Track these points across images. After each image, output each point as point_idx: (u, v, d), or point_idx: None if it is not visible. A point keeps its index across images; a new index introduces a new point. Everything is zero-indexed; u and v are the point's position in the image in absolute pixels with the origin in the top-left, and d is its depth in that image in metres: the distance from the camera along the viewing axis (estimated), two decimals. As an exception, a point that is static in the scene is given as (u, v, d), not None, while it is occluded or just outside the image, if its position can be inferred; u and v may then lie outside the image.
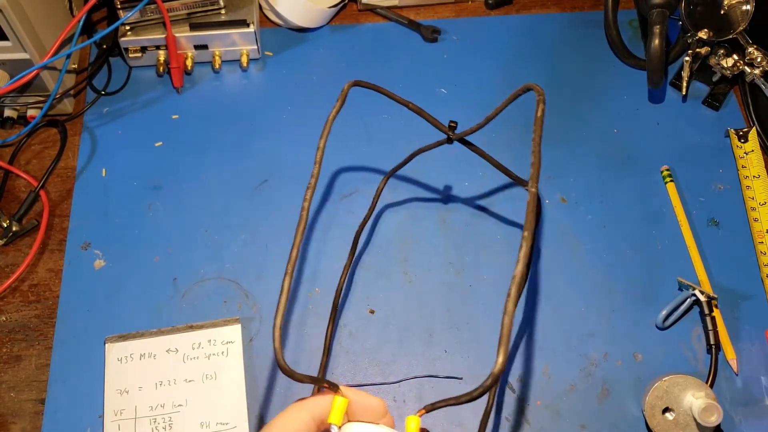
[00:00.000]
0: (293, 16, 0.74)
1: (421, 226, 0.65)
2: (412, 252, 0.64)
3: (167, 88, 0.72)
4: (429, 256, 0.64)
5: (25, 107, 0.68)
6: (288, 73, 0.74)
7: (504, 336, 0.30)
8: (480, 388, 0.31)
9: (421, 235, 0.65)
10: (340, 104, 0.45)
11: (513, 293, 0.30)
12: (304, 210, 0.38)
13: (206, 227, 0.65)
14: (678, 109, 0.72)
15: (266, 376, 0.58)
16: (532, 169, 0.34)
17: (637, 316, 0.61)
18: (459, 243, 0.64)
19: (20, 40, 0.61)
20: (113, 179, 0.67)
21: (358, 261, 0.63)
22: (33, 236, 0.63)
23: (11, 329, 0.60)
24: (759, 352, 0.60)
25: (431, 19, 0.78)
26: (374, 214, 0.65)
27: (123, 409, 0.56)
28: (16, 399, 0.57)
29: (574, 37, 0.77)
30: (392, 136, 0.70)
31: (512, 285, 0.31)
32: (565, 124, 0.71)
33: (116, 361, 0.57)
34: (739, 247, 0.65)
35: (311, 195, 0.38)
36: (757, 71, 0.68)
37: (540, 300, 0.62)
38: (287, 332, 0.60)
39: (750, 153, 0.68)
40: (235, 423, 0.55)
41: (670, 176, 0.68)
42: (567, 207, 0.66)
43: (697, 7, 0.68)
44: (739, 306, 0.62)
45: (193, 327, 0.59)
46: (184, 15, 0.70)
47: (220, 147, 0.69)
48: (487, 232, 0.65)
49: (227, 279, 0.62)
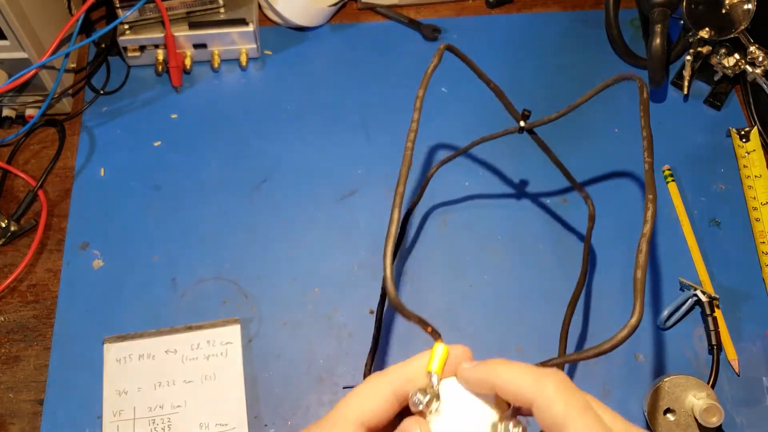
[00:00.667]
0: (293, 15, 0.74)
1: (421, 226, 0.65)
2: (412, 252, 0.64)
3: (166, 88, 0.72)
4: (429, 257, 0.63)
5: (23, 106, 0.67)
6: (287, 73, 0.73)
7: (638, 290, 0.32)
8: (614, 340, 0.31)
9: (422, 236, 0.64)
10: (437, 61, 0.47)
11: (644, 248, 0.34)
12: (408, 150, 0.39)
13: (205, 227, 0.64)
14: (679, 109, 0.72)
15: (266, 377, 0.58)
16: (645, 143, 0.41)
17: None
18: (459, 243, 0.64)
19: (18, 39, 0.60)
20: (112, 179, 0.67)
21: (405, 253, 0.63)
22: (31, 236, 0.63)
23: (9, 329, 0.60)
24: (760, 353, 0.60)
25: (432, 17, 0.77)
26: (374, 214, 0.65)
27: (122, 410, 0.55)
28: (15, 400, 0.57)
29: (575, 36, 0.76)
30: (392, 136, 0.69)
31: (642, 241, 0.35)
32: (565, 123, 0.71)
33: (115, 362, 0.57)
34: (740, 247, 0.64)
35: (414, 137, 0.41)
36: (758, 70, 0.68)
37: (540, 300, 0.62)
38: (287, 332, 0.60)
39: (751, 152, 0.67)
40: (235, 424, 0.55)
41: (671, 176, 0.67)
42: (567, 207, 0.66)
43: (699, 6, 0.68)
44: (741, 306, 0.61)
45: (192, 327, 0.59)
46: (183, 14, 0.70)
47: (219, 146, 0.69)
48: (487, 232, 0.65)
49: (226, 279, 0.62)
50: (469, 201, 0.66)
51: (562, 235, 0.65)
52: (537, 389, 0.30)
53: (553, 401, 0.30)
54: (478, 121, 0.70)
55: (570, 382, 0.31)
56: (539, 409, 0.30)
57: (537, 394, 0.30)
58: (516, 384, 0.31)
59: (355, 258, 0.63)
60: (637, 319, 0.31)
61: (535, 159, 0.68)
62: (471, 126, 0.69)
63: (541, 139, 0.60)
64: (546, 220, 0.65)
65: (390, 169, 0.67)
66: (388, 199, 0.66)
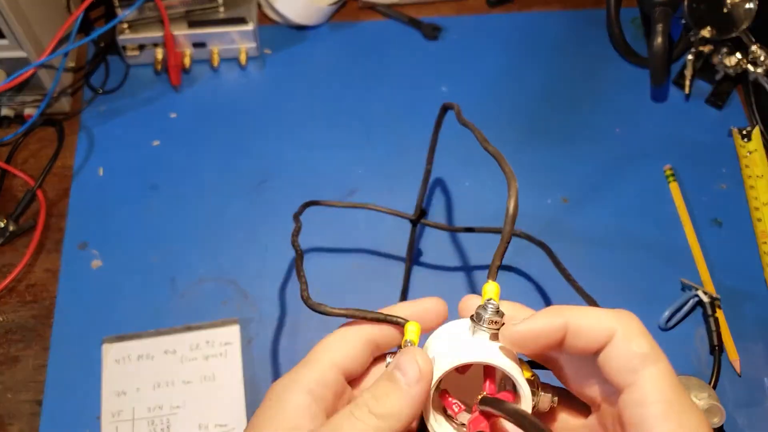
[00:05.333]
0: (292, 13, 0.74)
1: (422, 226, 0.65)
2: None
3: (165, 87, 0.72)
4: (428, 257, 0.63)
5: (22, 106, 0.67)
6: (287, 72, 0.73)
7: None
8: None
9: (422, 235, 0.64)
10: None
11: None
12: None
13: (205, 227, 0.64)
14: (681, 108, 0.72)
15: (265, 378, 0.58)
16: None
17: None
18: (459, 243, 0.64)
19: (17, 38, 0.60)
20: (111, 178, 0.67)
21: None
22: (30, 236, 0.63)
23: (8, 330, 0.59)
24: (762, 354, 0.59)
25: (432, 16, 0.77)
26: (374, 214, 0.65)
27: (121, 411, 0.55)
28: (13, 400, 0.57)
29: (576, 35, 0.76)
30: (392, 136, 0.69)
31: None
32: (566, 122, 0.71)
33: (114, 362, 0.57)
34: (742, 247, 0.64)
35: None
36: (760, 70, 0.68)
37: (541, 300, 0.61)
38: (286, 331, 0.60)
39: (753, 152, 0.67)
40: (234, 425, 0.55)
41: (672, 175, 0.67)
42: (568, 207, 0.66)
43: (700, 5, 0.68)
44: (743, 307, 0.61)
45: (191, 328, 0.58)
46: (183, 12, 0.70)
47: (218, 146, 0.68)
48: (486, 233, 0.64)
49: (226, 279, 0.62)
50: (468, 201, 0.66)
51: (564, 235, 0.64)
52: (620, 321, 0.29)
53: (638, 333, 0.29)
54: (478, 121, 0.70)
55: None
56: (620, 338, 0.29)
57: (619, 324, 0.29)
58: (598, 315, 0.30)
59: (355, 258, 0.63)
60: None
61: (535, 159, 0.68)
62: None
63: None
64: (547, 219, 0.65)
65: (390, 169, 0.67)
66: (388, 199, 0.66)
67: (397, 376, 0.30)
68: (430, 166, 0.60)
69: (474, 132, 0.43)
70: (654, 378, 0.28)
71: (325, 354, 0.33)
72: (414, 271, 0.62)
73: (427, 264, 0.63)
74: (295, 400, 0.31)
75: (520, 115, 0.70)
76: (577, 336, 0.30)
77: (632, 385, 0.28)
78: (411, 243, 0.62)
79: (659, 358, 0.29)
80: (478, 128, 0.41)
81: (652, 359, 0.29)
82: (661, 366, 0.29)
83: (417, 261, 0.63)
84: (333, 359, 0.33)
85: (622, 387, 0.29)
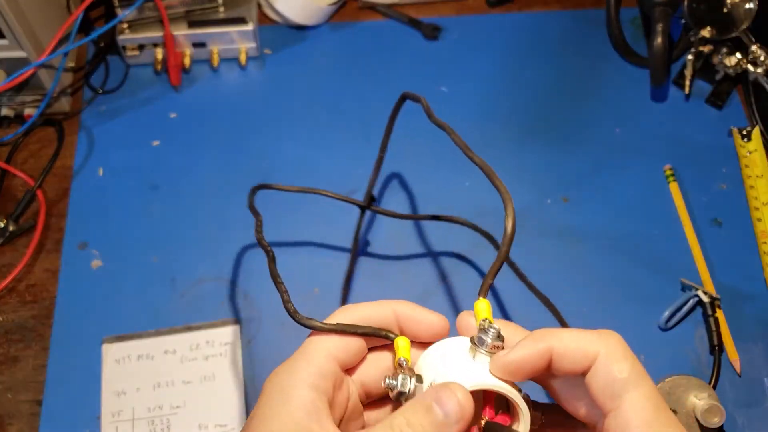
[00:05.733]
0: (292, 13, 0.74)
1: (421, 226, 0.65)
2: (409, 253, 0.63)
3: (165, 87, 0.72)
4: (428, 257, 0.63)
5: (21, 106, 0.67)
6: (287, 72, 0.73)
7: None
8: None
9: (421, 236, 0.64)
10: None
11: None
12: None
13: (205, 227, 0.64)
14: (681, 108, 0.72)
15: (265, 378, 0.57)
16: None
17: (640, 316, 0.61)
18: (458, 243, 0.64)
19: (17, 38, 0.60)
20: (111, 178, 0.67)
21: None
22: (30, 236, 0.63)
23: (8, 330, 0.59)
24: (762, 353, 0.59)
25: (432, 16, 0.77)
26: (373, 214, 0.65)
27: (121, 411, 0.55)
28: (13, 400, 0.57)
29: (576, 35, 0.76)
30: (392, 135, 0.69)
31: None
32: (566, 122, 0.71)
33: (114, 362, 0.57)
34: (742, 247, 0.64)
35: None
36: (760, 70, 0.68)
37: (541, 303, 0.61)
38: (286, 332, 0.60)
39: (753, 152, 0.67)
40: (234, 425, 0.55)
41: (672, 175, 0.67)
42: (568, 206, 0.66)
43: (700, 5, 0.68)
44: (743, 306, 0.61)
45: (191, 328, 0.58)
46: (183, 12, 0.70)
47: (218, 146, 0.68)
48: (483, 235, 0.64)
49: (226, 279, 0.62)
50: (467, 202, 0.66)
51: (564, 235, 0.64)
52: (602, 343, 0.30)
53: (619, 357, 0.29)
54: (478, 120, 0.70)
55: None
56: (602, 362, 0.29)
57: (602, 346, 0.29)
58: (580, 338, 0.30)
59: (355, 258, 0.63)
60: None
61: (536, 159, 0.68)
62: (471, 125, 0.69)
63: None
64: (547, 219, 0.65)
65: (390, 168, 0.67)
66: (388, 199, 0.66)
67: (436, 410, 0.29)
68: (383, 153, 0.60)
69: (452, 137, 0.42)
70: (635, 403, 0.29)
71: (321, 344, 0.33)
72: (366, 260, 0.62)
73: (375, 254, 0.63)
74: (299, 395, 0.31)
75: (520, 115, 0.70)
76: (562, 360, 0.30)
77: (616, 410, 0.29)
78: (358, 230, 0.62)
79: (640, 381, 0.29)
80: (455, 130, 0.41)
81: (633, 383, 0.29)
82: (643, 390, 0.29)
83: (365, 250, 0.63)
84: (329, 350, 0.33)
85: (606, 411, 0.29)
